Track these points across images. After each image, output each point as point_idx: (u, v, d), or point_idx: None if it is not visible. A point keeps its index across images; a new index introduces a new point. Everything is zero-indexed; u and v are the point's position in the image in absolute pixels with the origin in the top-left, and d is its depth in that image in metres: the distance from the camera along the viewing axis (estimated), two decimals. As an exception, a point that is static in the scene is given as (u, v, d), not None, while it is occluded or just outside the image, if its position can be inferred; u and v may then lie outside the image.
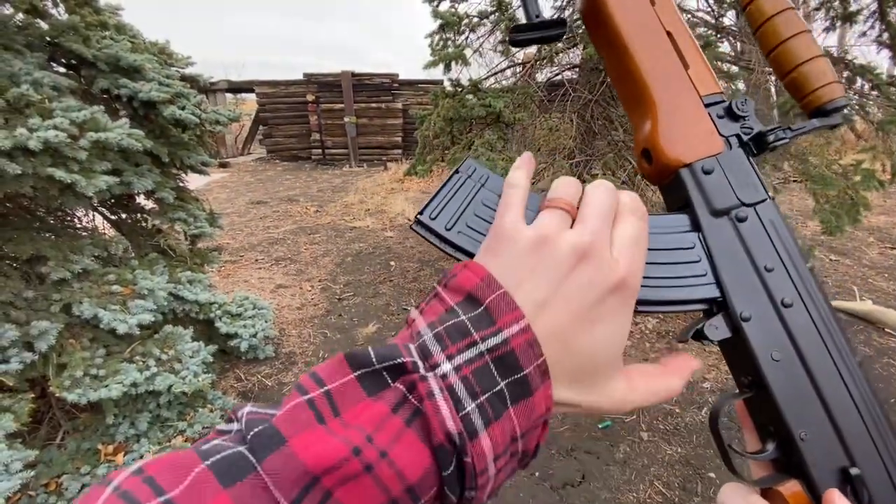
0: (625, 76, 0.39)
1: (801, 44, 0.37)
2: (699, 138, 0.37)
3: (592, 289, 0.28)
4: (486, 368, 0.24)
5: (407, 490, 0.22)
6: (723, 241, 0.35)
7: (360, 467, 0.21)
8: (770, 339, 0.34)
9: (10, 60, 1.82)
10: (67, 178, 1.62)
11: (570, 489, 1.99)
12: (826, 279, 3.98)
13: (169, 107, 2.30)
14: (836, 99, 0.37)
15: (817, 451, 0.33)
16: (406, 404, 0.23)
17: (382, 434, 0.22)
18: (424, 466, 0.22)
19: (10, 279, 1.89)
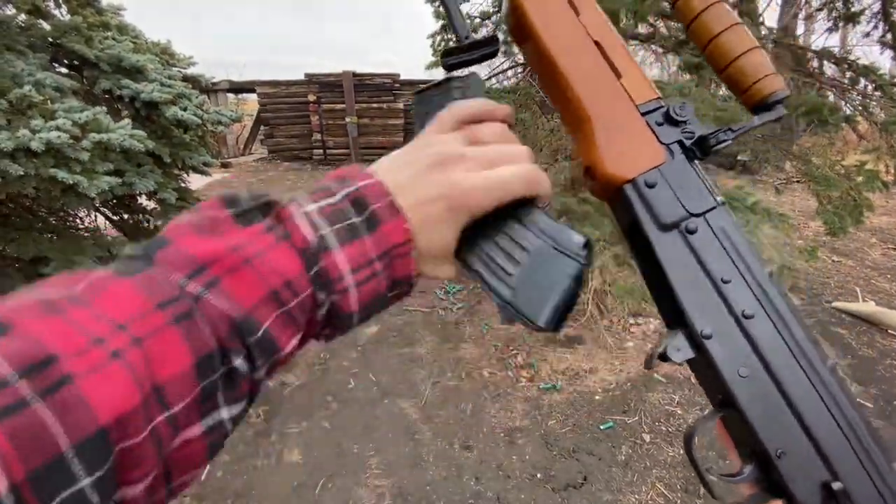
0: (557, 92, 0.37)
1: (733, 37, 0.35)
2: (638, 151, 0.35)
3: (434, 189, 0.33)
4: (343, 209, 0.30)
5: (285, 283, 0.26)
6: (675, 257, 0.34)
7: (239, 259, 0.25)
8: (735, 355, 0.33)
9: (12, 61, 1.82)
10: (70, 179, 1.62)
11: (572, 490, 1.99)
12: (828, 280, 3.97)
13: (171, 107, 2.30)
14: (775, 92, 0.35)
15: (796, 468, 0.32)
16: (276, 228, 0.28)
17: (258, 243, 0.26)
18: (296, 267, 0.27)
19: (12, 280, 1.89)
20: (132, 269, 0.24)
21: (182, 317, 0.23)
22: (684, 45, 2.14)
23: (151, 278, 0.23)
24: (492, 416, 2.42)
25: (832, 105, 2.35)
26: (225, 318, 0.24)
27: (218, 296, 0.24)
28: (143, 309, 0.22)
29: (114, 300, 0.22)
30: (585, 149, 0.36)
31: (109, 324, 0.21)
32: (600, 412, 2.45)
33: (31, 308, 0.20)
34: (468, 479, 2.04)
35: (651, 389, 2.61)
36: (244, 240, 0.26)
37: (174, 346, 0.22)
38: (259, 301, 0.25)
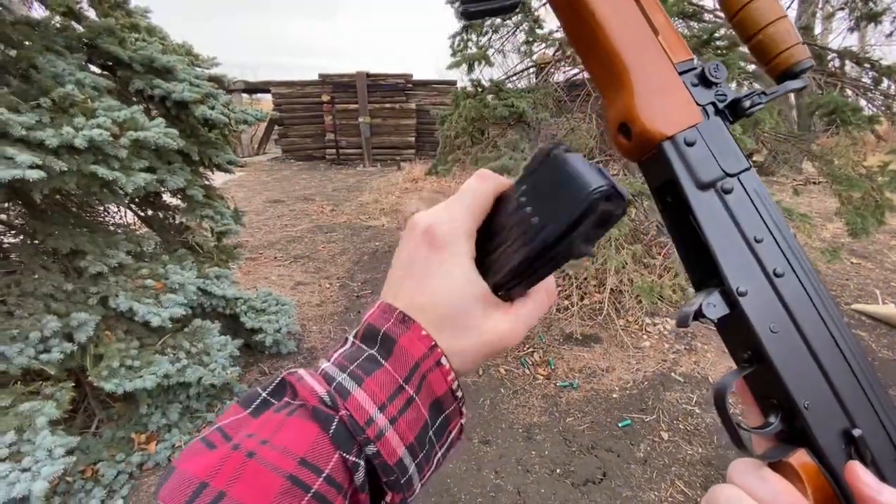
0: (593, 45, 0.36)
1: (763, 5, 0.35)
2: (678, 108, 0.35)
3: (406, 250, 0.32)
4: (355, 348, 0.29)
5: (300, 463, 0.23)
6: (713, 216, 0.34)
7: (241, 457, 0.23)
8: (767, 312, 0.34)
9: (53, 61, 1.89)
10: (109, 175, 1.68)
11: (592, 486, 2.01)
12: (847, 282, 3.93)
13: (200, 106, 2.36)
14: (802, 61, 0.35)
15: (821, 418, 0.33)
16: (288, 406, 0.25)
17: (265, 430, 0.24)
18: (312, 437, 0.24)
19: (51, 272, 1.96)
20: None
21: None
22: (707, 45, 2.14)
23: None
24: (510, 413, 2.45)
25: (854, 105, 2.34)
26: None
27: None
28: None
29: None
30: (622, 104, 0.35)
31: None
32: (618, 410, 2.46)
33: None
34: (488, 472, 2.07)
35: (669, 389, 2.62)
36: (252, 430, 0.24)
37: None
38: (276, 499, 0.22)
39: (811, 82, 2.63)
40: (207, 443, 0.24)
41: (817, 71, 2.64)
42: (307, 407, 0.25)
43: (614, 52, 0.35)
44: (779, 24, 0.35)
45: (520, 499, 1.94)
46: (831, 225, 5.18)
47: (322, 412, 0.25)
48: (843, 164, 2.50)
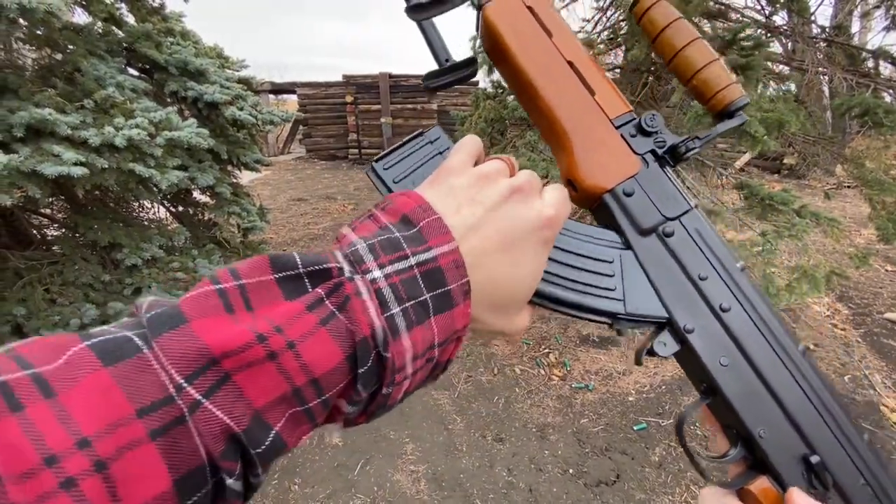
0: (535, 111, 0.39)
1: (695, 51, 0.38)
2: (615, 162, 0.37)
3: (521, 221, 0.31)
4: (414, 280, 0.26)
5: (311, 382, 0.22)
6: (656, 259, 0.36)
7: (262, 353, 0.21)
8: (716, 346, 0.35)
9: (96, 64, 2.01)
10: (145, 173, 1.78)
11: (605, 487, 2.01)
12: (880, 290, 3.78)
13: (229, 107, 2.47)
14: (735, 100, 0.38)
15: (777, 446, 0.35)
16: (321, 306, 0.23)
17: (293, 328, 0.22)
18: (334, 363, 0.23)
19: (90, 264, 2.08)
20: (123, 349, 0.19)
21: (165, 428, 0.19)
22: (731, 46, 2.11)
23: (140, 370, 0.19)
24: (524, 412, 2.46)
25: (888, 106, 2.27)
26: (223, 432, 0.20)
27: (222, 401, 0.20)
28: (118, 416, 0.18)
29: (85, 397, 0.18)
30: (566, 163, 0.38)
31: (71, 434, 0.17)
32: (634, 413, 2.45)
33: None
34: (500, 469, 2.09)
35: (686, 393, 2.59)
36: (280, 321, 0.22)
37: (149, 467, 0.18)
38: (273, 401, 0.21)
39: (843, 83, 2.56)
40: (227, 303, 0.22)
41: (849, 71, 2.57)
42: (347, 328, 0.23)
43: (554, 118, 0.38)
44: (710, 68, 0.38)
45: (532, 497, 1.96)
46: (865, 231, 4.98)
47: (365, 348, 0.24)
48: (875, 168, 2.42)
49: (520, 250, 0.30)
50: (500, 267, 0.29)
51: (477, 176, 0.31)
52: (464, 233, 0.29)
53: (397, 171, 0.35)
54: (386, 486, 2.00)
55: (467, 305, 0.28)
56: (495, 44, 0.39)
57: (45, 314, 1.84)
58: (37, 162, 1.51)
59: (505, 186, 0.31)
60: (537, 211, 0.31)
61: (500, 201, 0.30)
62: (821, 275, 2.24)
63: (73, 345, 0.19)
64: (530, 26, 0.38)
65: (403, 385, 0.26)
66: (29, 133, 1.57)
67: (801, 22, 2.84)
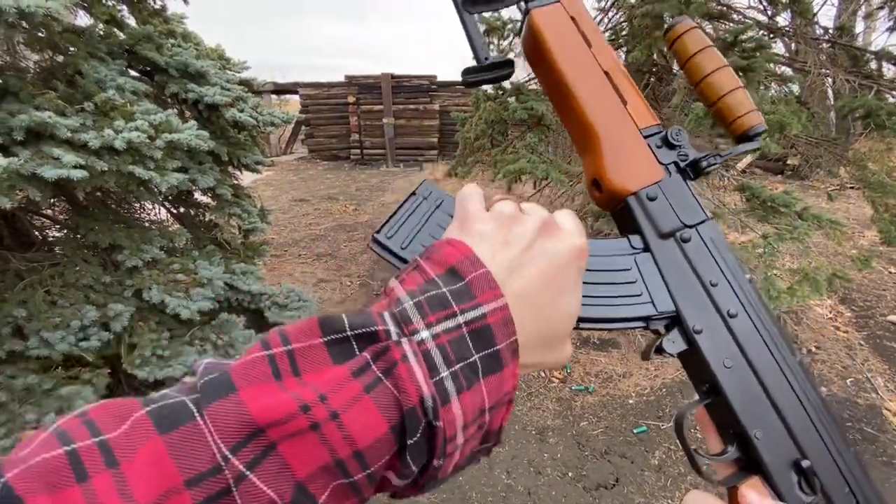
0: (569, 113, 0.41)
1: (722, 77, 0.41)
2: (641, 168, 0.40)
3: (558, 255, 0.30)
4: (463, 340, 0.25)
5: (355, 454, 0.22)
6: (671, 261, 0.38)
7: (306, 424, 0.21)
8: (721, 348, 0.37)
9: (96, 67, 2.01)
10: (145, 175, 1.78)
11: (604, 491, 2.00)
12: (884, 292, 3.76)
13: (230, 109, 2.47)
14: (755, 126, 0.40)
15: (772, 448, 0.36)
16: (368, 371, 0.23)
17: (338, 396, 0.21)
18: (378, 434, 0.22)
19: (91, 265, 2.09)
20: (178, 417, 0.20)
21: (212, 500, 0.19)
22: (733, 48, 2.10)
23: (191, 439, 0.20)
24: (524, 414, 2.46)
25: (891, 108, 2.25)
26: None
27: (266, 473, 0.20)
28: (169, 486, 0.19)
29: (142, 467, 0.19)
30: (594, 164, 0.41)
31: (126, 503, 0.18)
32: (634, 416, 2.44)
33: (54, 469, 0.18)
34: (500, 472, 2.09)
35: (688, 396, 2.58)
36: (325, 389, 0.22)
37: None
38: (315, 472, 0.21)
39: (845, 85, 2.54)
40: (275, 369, 0.22)
41: (851, 72, 2.55)
42: (394, 397, 0.22)
43: (587, 122, 0.40)
44: (734, 94, 0.41)
45: (530, 500, 1.96)
46: (869, 233, 4.95)
47: (413, 418, 0.22)
48: (877, 170, 2.40)
49: (561, 284, 0.30)
50: (544, 305, 0.29)
51: (502, 218, 0.31)
52: (504, 277, 0.28)
53: (401, 236, 0.35)
54: (385, 488, 2.01)
55: (516, 365, 0.27)
56: (538, 46, 0.41)
57: (45, 316, 1.85)
58: (37, 165, 1.51)
59: (535, 223, 0.31)
60: (570, 242, 0.31)
61: (532, 239, 0.30)
62: (822, 277, 2.23)
63: (135, 411, 0.20)
64: (572, 34, 0.41)
65: (455, 456, 0.25)
66: (29, 136, 1.58)
67: (803, 23, 2.83)
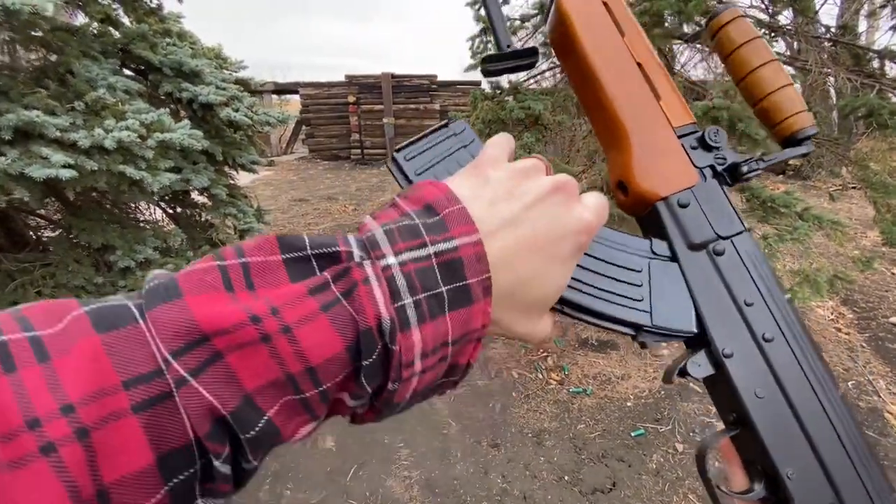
0: (597, 107, 0.38)
1: (770, 73, 0.37)
2: (674, 170, 0.36)
3: (560, 222, 0.29)
4: (431, 270, 0.24)
5: (307, 370, 0.21)
6: (701, 276, 0.35)
7: (255, 335, 0.20)
8: (753, 376, 0.33)
9: (88, 66, 2.00)
10: (136, 175, 1.77)
11: (600, 495, 1.98)
12: (886, 294, 3.72)
13: (224, 109, 2.45)
14: (805, 128, 0.36)
15: (805, 490, 0.33)
16: (327, 291, 0.22)
17: (291, 311, 0.21)
18: (332, 352, 0.21)
19: (83, 266, 2.08)
20: (118, 318, 0.19)
21: (150, 403, 0.18)
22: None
23: (131, 340, 0.19)
24: (520, 417, 2.44)
25: (894, 107, 2.22)
26: (209, 412, 0.19)
27: (210, 380, 0.19)
28: (104, 385, 0.18)
29: (76, 364, 0.18)
30: (621, 164, 0.37)
31: (57, 399, 0.17)
32: (631, 419, 2.41)
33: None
34: (495, 476, 2.07)
35: (686, 399, 2.55)
36: (278, 303, 0.21)
37: (130, 441, 0.18)
38: (265, 385, 0.20)
39: (847, 84, 2.51)
40: (226, 280, 0.21)
41: (853, 71, 2.52)
42: (351, 316, 0.22)
43: (616, 117, 0.37)
44: (783, 92, 0.36)
45: (526, 504, 1.93)
46: (872, 233, 4.91)
47: (369, 339, 0.22)
48: (879, 170, 2.37)
49: (553, 253, 0.28)
50: (531, 268, 0.28)
51: (516, 170, 0.29)
52: (497, 227, 0.27)
53: (419, 162, 0.33)
54: (379, 491, 1.98)
55: (487, 303, 0.26)
56: (566, 34, 0.38)
57: (36, 317, 1.83)
58: (25, 164, 1.50)
59: (547, 183, 0.29)
60: (577, 214, 0.30)
61: (539, 199, 0.29)
62: (823, 279, 2.20)
63: (73, 310, 0.19)
64: (604, 22, 0.38)
65: (411, 382, 0.24)
66: (18, 135, 1.56)
67: (804, 21, 2.79)
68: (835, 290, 2.44)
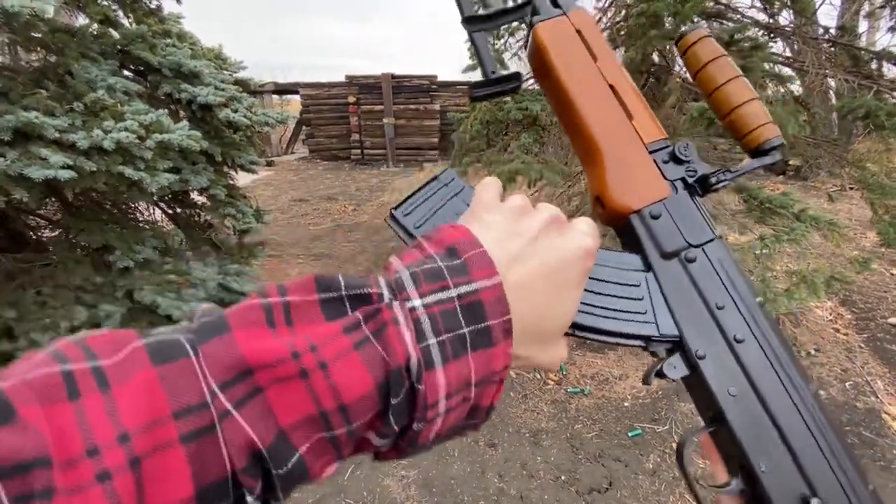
0: (573, 128, 0.41)
1: (735, 88, 0.39)
2: (645, 185, 0.38)
3: (564, 251, 0.31)
4: (454, 312, 0.25)
5: (340, 408, 0.22)
6: (675, 282, 0.37)
7: (295, 370, 0.21)
8: (726, 375, 0.35)
9: (87, 67, 2.01)
10: (135, 176, 1.77)
11: (597, 495, 1.98)
12: (885, 294, 3.72)
13: (223, 109, 2.46)
14: (771, 139, 0.38)
15: (778, 482, 0.34)
16: (358, 330, 0.23)
17: (327, 348, 0.22)
18: (363, 391, 0.22)
19: (82, 266, 2.09)
20: (173, 351, 0.21)
21: (196, 434, 0.19)
22: (729, 47, 2.08)
23: (183, 373, 0.20)
24: (517, 417, 2.44)
25: (891, 108, 2.22)
26: (248, 445, 0.20)
27: (251, 414, 0.20)
28: (157, 415, 0.19)
29: (133, 394, 0.19)
30: (596, 180, 0.39)
31: (115, 428, 0.18)
32: (629, 419, 2.42)
33: (48, 385, 0.18)
34: (492, 476, 2.07)
35: (683, 399, 2.55)
36: (316, 340, 0.22)
37: (175, 471, 0.19)
38: (300, 421, 0.22)
39: (844, 85, 2.52)
40: (269, 317, 0.23)
41: (851, 72, 2.52)
42: (381, 356, 0.23)
43: (591, 136, 0.39)
44: (749, 106, 0.39)
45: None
46: (871, 234, 4.91)
47: (397, 378, 0.23)
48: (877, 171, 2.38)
49: (562, 281, 0.30)
50: (543, 298, 0.29)
51: (512, 209, 0.31)
52: (507, 264, 0.28)
53: (417, 215, 0.36)
54: (376, 491, 1.99)
55: (508, 345, 0.27)
56: (542, 61, 0.41)
57: (35, 317, 1.84)
58: (24, 165, 1.51)
59: (543, 217, 0.31)
60: (578, 240, 0.31)
61: (541, 233, 0.31)
62: (820, 280, 2.21)
63: (132, 342, 0.21)
64: (577, 48, 0.40)
65: (435, 423, 0.25)
66: (17, 136, 1.57)
67: (802, 22, 2.80)
68: (832, 291, 2.45)
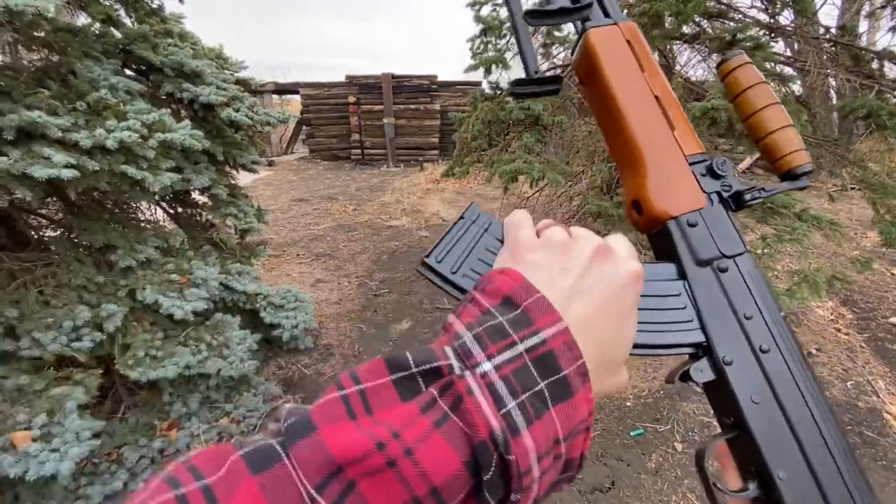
0: (616, 134, 0.42)
1: (772, 114, 0.41)
2: (684, 193, 0.40)
3: (615, 280, 0.30)
4: (526, 368, 0.24)
5: (432, 492, 0.21)
6: (707, 289, 0.38)
7: (382, 462, 0.21)
8: (750, 383, 0.36)
9: (90, 66, 2.01)
10: (137, 175, 1.77)
11: (599, 494, 1.98)
12: (886, 294, 3.72)
13: (225, 109, 2.46)
14: (802, 165, 0.41)
15: (795, 491, 0.35)
16: (435, 407, 0.23)
17: (409, 433, 0.22)
18: (452, 471, 0.22)
19: (84, 265, 2.08)
20: (268, 459, 0.21)
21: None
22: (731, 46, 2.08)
23: (280, 481, 0.21)
24: (520, 416, 2.44)
25: (893, 108, 2.23)
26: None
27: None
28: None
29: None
30: (636, 185, 0.41)
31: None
32: (631, 419, 2.42)
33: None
34: (494, 475, 2.07)
35: (685, 399, 2.56)
36: (397, 426, 0.22)
37: None
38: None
39: (846, 85, 2.52)
40: (349, 408, 0.23)
41: (852, 72, 2.52)
42: (462, 431, 0.22)
43: (634, 142, 0.41)
44: (783, 132, 0.41)
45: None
46: (872, 233, 4.91)
47: (484, 451, 0.22)
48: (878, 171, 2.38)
49: (620, 310, 0.30)
50: (605, 331, 0.29)
51: (555, 245, 0.31)
52: (564, 304, 0.28)
53: (451, 260, 0.35)
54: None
55: (588, 389, 0.26)
56: (591, 66, 0.42)
57: (37, 316, 1.84)
58: (27, 164, 1.51)
59: (589, 249, 0.31)
60: (626, 266, 0.31)
61: (588, 265, 0.30)
62: (821, 280, 2.21)
63: (231, 455, 0.22)
64: (627, 57, 0.42)
65: (533, 490, 0.24)
66: (20, 135, 1.57)
67: (803, 22, 2.80)
68: (834, 291, 2.45)
